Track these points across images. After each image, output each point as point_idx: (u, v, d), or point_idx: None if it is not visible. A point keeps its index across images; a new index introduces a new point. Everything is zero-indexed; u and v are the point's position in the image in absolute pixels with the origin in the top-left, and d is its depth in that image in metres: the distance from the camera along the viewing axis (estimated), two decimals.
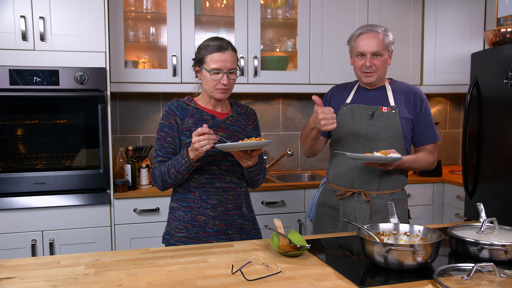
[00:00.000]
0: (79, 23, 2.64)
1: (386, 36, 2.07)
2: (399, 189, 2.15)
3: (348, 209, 2.12)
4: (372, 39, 2.04)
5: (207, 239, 1.88)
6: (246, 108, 2.04)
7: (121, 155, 3.03)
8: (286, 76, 3.26)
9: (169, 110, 1.91)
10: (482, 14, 3.46)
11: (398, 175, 2.12)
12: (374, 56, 2.05)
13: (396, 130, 2.07)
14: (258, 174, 1.92)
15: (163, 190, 1.91)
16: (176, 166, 1.79)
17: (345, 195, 2.12)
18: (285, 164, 3.66)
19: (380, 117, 2.08)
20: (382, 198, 2.10)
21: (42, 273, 1.43)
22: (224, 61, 1.83)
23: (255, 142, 1.71)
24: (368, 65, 2.05)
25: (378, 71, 2.07)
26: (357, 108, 2.13)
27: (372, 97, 2.14)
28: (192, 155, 1.74)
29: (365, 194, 2.08)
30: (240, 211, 1.94)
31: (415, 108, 2.11)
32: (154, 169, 1.89)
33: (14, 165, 2.62)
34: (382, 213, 2.08)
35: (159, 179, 1.86)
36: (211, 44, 1.85)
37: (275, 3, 3.33)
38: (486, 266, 1.34)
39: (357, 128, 2.10)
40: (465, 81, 3.46)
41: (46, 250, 2.63)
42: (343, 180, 2.14)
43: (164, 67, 3.09)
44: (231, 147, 1.71)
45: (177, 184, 1.88)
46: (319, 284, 1.35)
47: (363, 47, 2.05)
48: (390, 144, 2.06)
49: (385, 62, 2.09)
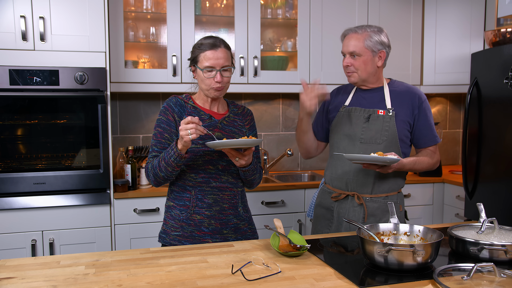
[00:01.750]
0: (79, 23, 2.64)
1: (369, 37, 2.03)
2: (395, 192, 2.13)
3: (342, 211, 2.12)
4: (350, 39, 2.07)
5: (202, 238, 1.88)
6: (243, 108, 2.05)
7: (121, 155, 3.03)
8: (286, 76, 3.26)
9: (168, 106, 1.91)
10: (482, 14, 3.46)
11: (393, 178, 2.11)
12: (352, 56, 2.07)
13: (391, 134, 2.06)
14: (253, 174, 1.92)
15: (156, 185, 1.89)
16: (165, 158, 1.78)
17: (339, 197, 2.13)
18: (285, 164, 3.66)
19: (376, 120, 2.07)
20: (375, 201, 2.09)
21: (42, 273, 1.43)
22: (217, 59, 1.83)
23: (244, 140, 1.71)
24: (344, 65, 2.09)
25: (358, 71, 2.07)
26: (353, 111, 2.13)
27: (369, 99, 2.13)
28: (179, 145, 1.72)
29: (359, 197, 2.08)
30: (236, 211, 1.94)
31: (413, 110, 2.08)
32: (147, 164, 1.89)
33: (14, 165, 2.62)
34: (375, 216, 2.08)
35: (151, 173, 1.86)
36: (204, 43, 1.87)
37: (275, 3, 3.33)
38: (486, 266, 1.34)
39: (353, 131, 2.10)
40: (465, 81, 3.46)
41: (46, 250, 2.63)
42: (338, 182, 2.15)
43: (164, 67, 3.09)
44: (220, 144, 1.71)
45: (169, 179, 1.86)
46: (319, 284, 1.35)
47: (343, 47, 2.11)
48: (385, 148, 2.05)
49: (366, 63, 2.05)
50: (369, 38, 2.04)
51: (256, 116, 3.51)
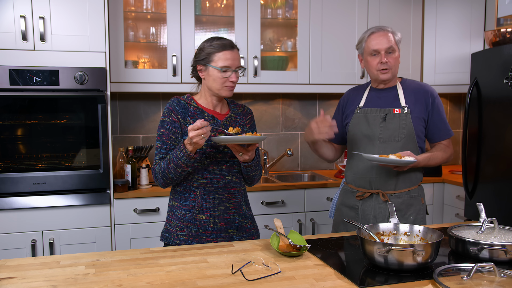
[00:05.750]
0: (79, 23, 2.64)
1: (395, 34, 2.13)
2: (415, 186, 2.18)
3: (367, 209, 2.15)
4: (384, 37, 2.10)
5: (208, 237, 1.90)
6: (243, 107, 2.07)
7: (121, 155, 3.03)
8: (286, 76, 3.26)
9: (171, 108, 1.91)
10: (482, 14, 3.46)
11: (414, 173, 2.16)
12: (388, 53, 2.10)
13: (408, 131, 2.10)
14: (255, 170, 1.95)
15: (164, 186, 1.91)
16: (174, 160, 1.78)
17: (363, 196, 2.16)
18: (285, 164, 3.66)
19: (393, 119, 2.11)
20: (400, 197, 2.13)
21: (42, 273, 1.43)
22: (233, 59, 1.87)
23: (250, 137, 1.75)
24: (384, 61, 2.09)
25: (393, 67, 2.12)
26: (370, 112, 2.16)
27: (384, 99, 2.17)
28: (190, 148, 1.74)
29: (383, 194, 2.11)
30: (240, 210, 1.96)
31: (426, 106, 2.14)
32: (155, 166, 1.89)
33: (14, 165, 2.62)
34: (401, 211, 2.12)
35: (159, 175, 1.86)
36: (218, 43, 1.88)
37: (275, 3, 3.33)
38: (486, 266, 1.34)
39: (371, 131, 2.14)
40: (465, 81, 3.45)
41: (46, 250, 2.63)
42: (361, 182, 2.18)
43: (164, 67, 3.09)
44: (226, 140, 1.75)
45: (177, 180, 1.87)
46: (319, 284, 1.35)
47: (377, 45, 2.10)
48: (403, 145, 2.10)
49: (398, 60, 2.14)
50: (395, 35, 2.13)
51: (256, 116, 3.51)
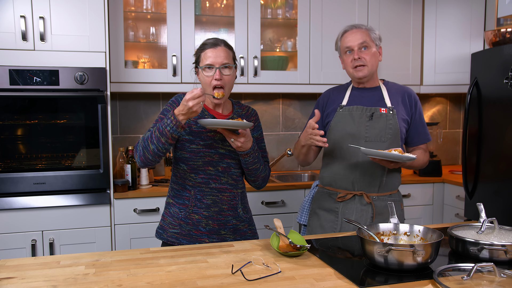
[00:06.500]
0: (79, 23, 2.64)
1: (370, 31, 2.10)
2: (395, 190, 2.16)
3: (348, 211, 2.10)
4: (356, 33, 2.08)
5: (200, 237, 1.89)
6: (248, 109, 2.03)
7: (121, 155, 3.03)
8: (286, 76, 3.26)
9: (175, 101, 1.92)
10: (482, 14, 3.46)
11: (396, 176, 2.14)
12: (362, 49, 2.07)
13: (394, 131, 2.07)
14: (255, 163, 1.87)
15: (143, 163, 1.80)
16: (160, 128, 1.71)
17: (345, 197, 2.11)
18: (285, 164, 3.66)
19: (379, 118, 2.08)
20: (382, 200, 2.10)
21: (42, 273, 1.43)
22: (216, 56, 1.82)
23: (234, 122, 1.71)
24: (357, 57, 2.06)
25: (368, 64, 2.07)
26: (355, 110, 2.11)
27: (368, 98, 2.13)
28: (182, 118, 1.68)
29: (367, 196, 2.08)
30: (235, 212, 1.94)
31: (410, 109, 2.13)
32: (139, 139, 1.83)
33: (14, 165, 2.62)
34: (382, 215, 2.08)
35: (141, 146, 1.78)
36: (206, 43, 1.88)
37: (275, 3, 3.33)
38: (486, 266, 1.34)
39: (356, 129, 2.09)
40: (465, 81, 3.46)
41: (46, 250, 2.63)
42: (342, 182, 2.13)
43: (164, 67, 3.09)
44: (212, 123, 1.73)
45: (157, 156, 1.77)
46: (319, 284, 1.35)
47: (349, 42, 2.08)
48: (389, 145, 2.06)
49: (375, 56, 2.09)
50: (372, 32, 2.10)
51: None
